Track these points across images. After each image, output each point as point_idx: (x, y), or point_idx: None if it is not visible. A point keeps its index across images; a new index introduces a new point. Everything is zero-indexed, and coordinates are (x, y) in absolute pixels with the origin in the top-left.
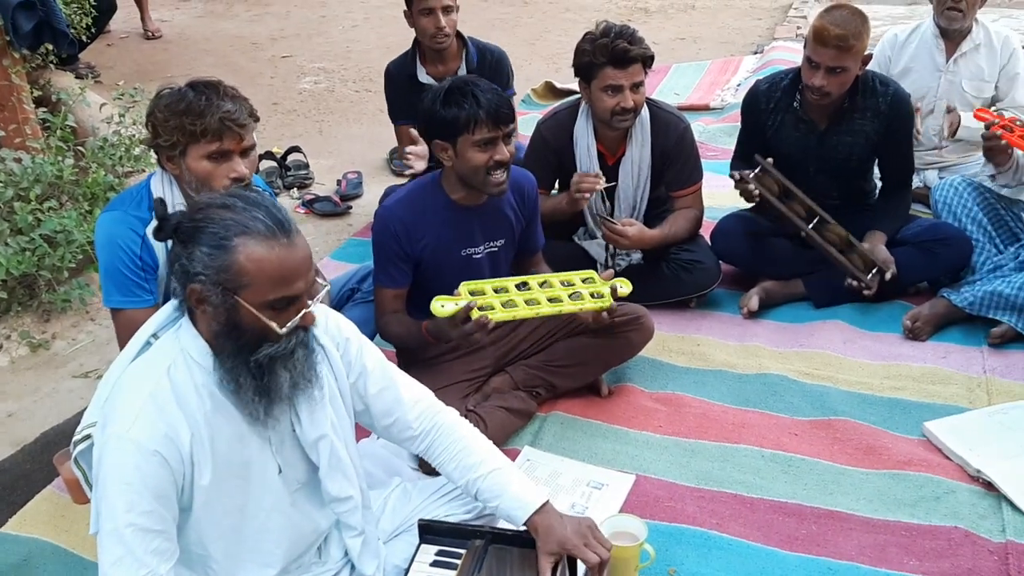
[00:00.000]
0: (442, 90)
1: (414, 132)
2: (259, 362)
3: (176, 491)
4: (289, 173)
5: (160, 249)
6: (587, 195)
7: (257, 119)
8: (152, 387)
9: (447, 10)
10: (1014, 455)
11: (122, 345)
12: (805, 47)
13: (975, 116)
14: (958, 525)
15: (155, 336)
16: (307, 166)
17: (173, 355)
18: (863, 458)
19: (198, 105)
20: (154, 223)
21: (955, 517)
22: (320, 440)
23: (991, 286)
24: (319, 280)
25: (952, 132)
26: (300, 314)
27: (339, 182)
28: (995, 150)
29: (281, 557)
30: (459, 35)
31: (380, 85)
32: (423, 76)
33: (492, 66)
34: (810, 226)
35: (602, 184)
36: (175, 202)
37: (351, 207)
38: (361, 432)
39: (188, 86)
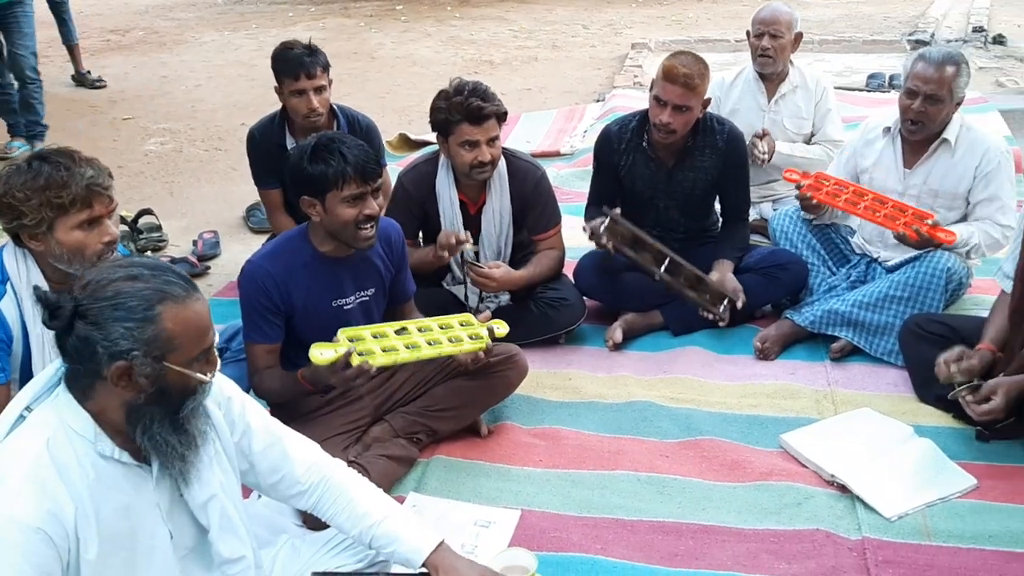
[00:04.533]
0: (308, 147)
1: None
2: (186, 417)
3: (61, 568)
4: (141, 236)
5: (15, 324)
6: (450, 252)
7: (112, 178)
8: (32, 462)
9: (319, 90)
10: (861, 458)
11: None
12: (652, 88)
13: (784, 177)
14: (819, 527)
15: (29, 409)
16: (160, 228)
17: (52, 428)
18: (729, 473)
19: (59, 177)
20: (38, 311)
21: (816, 520)
22: (210, 501)
23: (828, 305)
24: None
25: (769, 155)
26: (216, 360)
27: (195, 243)
28: (809, 208)
29: None
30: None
31: (230, 144)
32: (292, 146)
33: (362, 137)
34: (662, 268)
35: (468, 245)
36: (31, 277)
37: (209, 267)
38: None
39: (37, 160)
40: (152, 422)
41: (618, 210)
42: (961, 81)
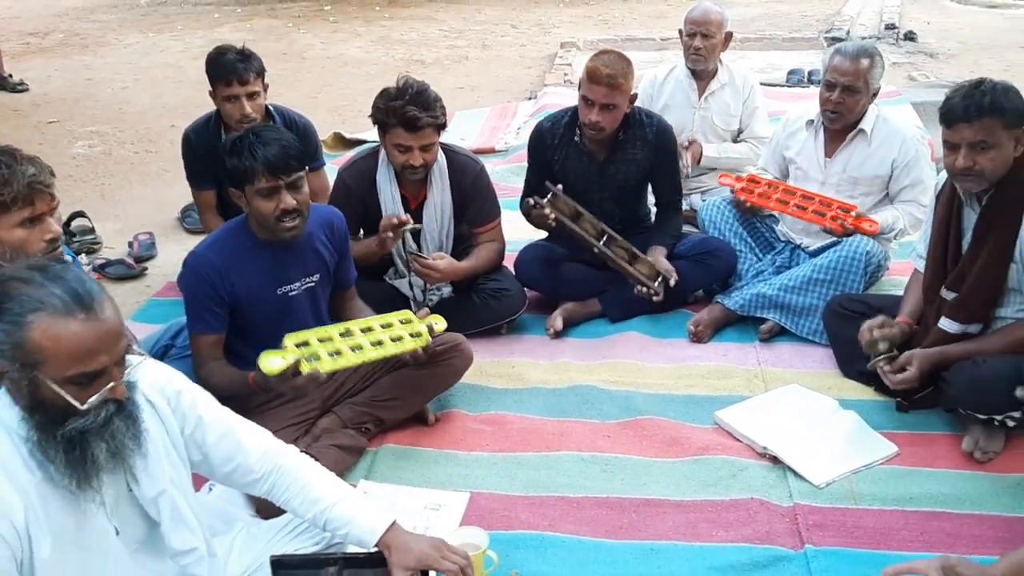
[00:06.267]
0: (229, 140)
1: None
2: (67, 436)
3: (16, 567)
4: (75, 239)
5: None
6: (393, 235)
7: (54, 175)
8: None
9: (252, 96)
10: (791, 431)
11: None
12: (580, 88)
13: (719, 182)
14: (754, 496)
15: None
16: (93, 230)
17: None
18: (667, 449)
19: (0, 175)
20: None
21: (750, 490)
22: (160, 496)
23: (755, 289)
24: (135, 348)
25: (696, 162)
26: (107, 388)
27: (131, 244)
28: (744, 211)
29: None
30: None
31: (161, 145)
32: None
33: (298, 137)
34: (601, 243)
35: (409, 224)
36: None
37: (146, 268)
38: (194, 484)
39: None
40: (36, 429)
41: (560, 187)
42: (876, 72)
